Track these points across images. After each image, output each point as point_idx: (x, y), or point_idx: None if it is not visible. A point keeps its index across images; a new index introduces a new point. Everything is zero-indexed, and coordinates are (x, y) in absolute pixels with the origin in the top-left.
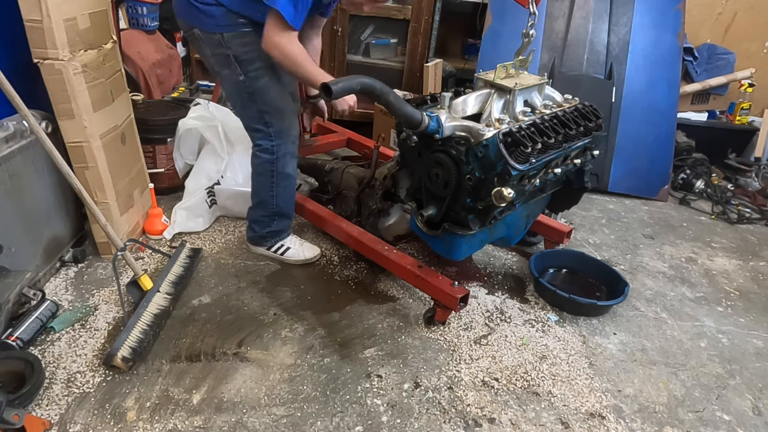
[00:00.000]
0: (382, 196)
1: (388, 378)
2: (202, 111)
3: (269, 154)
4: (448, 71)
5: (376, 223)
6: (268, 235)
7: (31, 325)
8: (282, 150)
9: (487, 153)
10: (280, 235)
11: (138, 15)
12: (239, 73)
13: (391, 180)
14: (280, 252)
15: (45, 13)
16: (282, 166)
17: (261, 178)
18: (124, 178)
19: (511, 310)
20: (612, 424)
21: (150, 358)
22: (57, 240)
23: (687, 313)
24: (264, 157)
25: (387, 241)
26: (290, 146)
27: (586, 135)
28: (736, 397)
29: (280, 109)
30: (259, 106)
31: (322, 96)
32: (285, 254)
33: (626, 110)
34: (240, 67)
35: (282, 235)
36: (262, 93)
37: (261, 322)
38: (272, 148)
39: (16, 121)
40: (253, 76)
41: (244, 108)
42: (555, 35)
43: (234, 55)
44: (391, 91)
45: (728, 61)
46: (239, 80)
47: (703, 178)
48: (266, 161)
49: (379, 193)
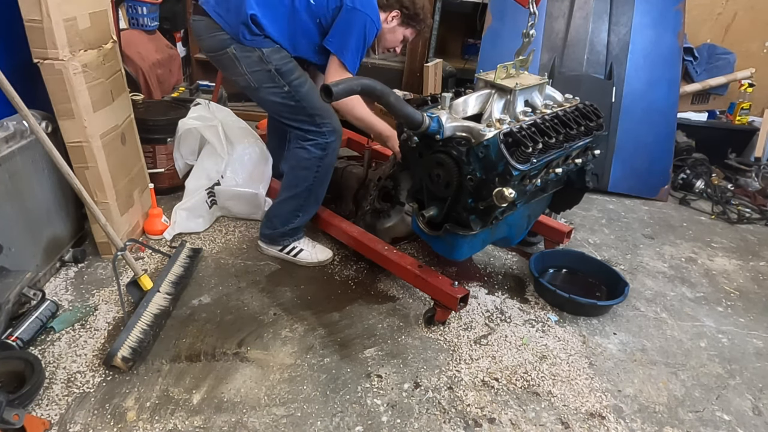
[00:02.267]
0: (381, 198)
1: (388, 378)
2: (202, 111)
3: (321, 150)
4: (448, 71)
5: (375, 223)
6: (285, 234)
7: (31, 325)
8: (333, 146)
9: (488, 153)
10: (294, 236)
11: (138, 15)
12: (283, 85)
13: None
14: (293, 254)
15: (45, 13)
16: (329, 160)
17: (304, 172)
18: (124, 178)
19: (511, 310)
20: (612, 424)
21: (150, 358)
22: (57, 240)
23: (687, 313)
24: (316, 153)
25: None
26: (339, 142)
27: (587, 134)
28: (736, 397)
29: (328, 110)
30: (309, 111)
31: (322, 98)
32: (298, 256)
33: (626, 110)
34: (283, 79)
35: (296, 236)
36: (309, 98)
37: (261, 322)
38: (326, 145)
39: (16, 121)
40: (296, 84)
41: (295, 115)
42: (555, 35)
43: (276, 69)
44: (392, 92)
45: (728, 61)
46: (285, 91)
47: (703, 178)
48: (317, 156)
49: (374, 194)
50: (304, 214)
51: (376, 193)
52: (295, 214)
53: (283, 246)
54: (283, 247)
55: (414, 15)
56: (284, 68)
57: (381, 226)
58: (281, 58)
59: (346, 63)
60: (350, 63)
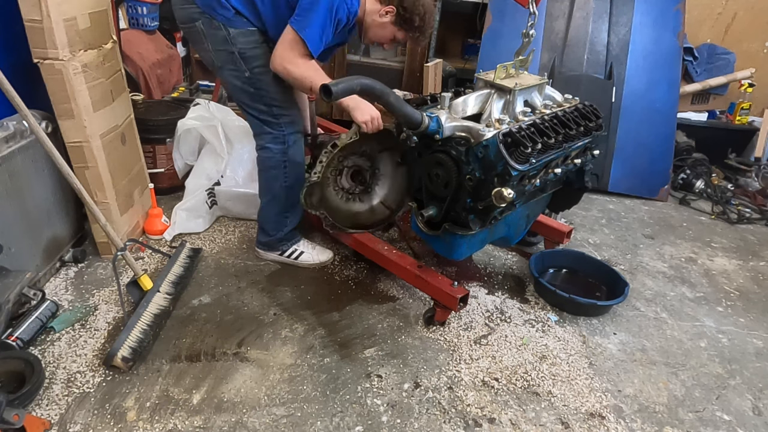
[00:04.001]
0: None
1: (388, 378)
2: (202, 111)
3: (281, 144)
4: (448, 71)
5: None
6: (282, 239)
7: (31, 325)
8: (293, 138)
9: (488, 153)
10: (292, 240)
11: (138, 15)
12: (244, 70)
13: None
14: (294, 256)
15: (45, 13)
16: (293, 154)
17: (273, 171)
18: (124, 178)
19: (511, 310)
20: (612, 424)
21: (150, 358)
22: (57, 240)
23: (687, 313)
24: (275, 148)
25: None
26: (299, 135)
27: (586, 135)
28: (736, 397)
29: (288, 101)
30: (267, 100)
31: (322, 98)
32: (299, 258)
33: (626, 110)
34: (245, 64)
35: (294, 239)
36: (269, 88)
37: (261, 322)
38: (284, 137)
39: (16, 121)
40: (258, 72)
41: (253, 102)
42: (555, 35)
43: (239, 52)
44: (392, 92)
45: (728, 61)
46: (245, 77)
47: (703, 178)
48: (278, 152)
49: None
50: (292, 216)
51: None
52: (283, 218)
53: (282, 251)
54: (283, 252)
55: (409, 20)
56: (248, 53)
57: (346, 208)
58: (248, 42)
59: (305, 38)
60: (310, 39)
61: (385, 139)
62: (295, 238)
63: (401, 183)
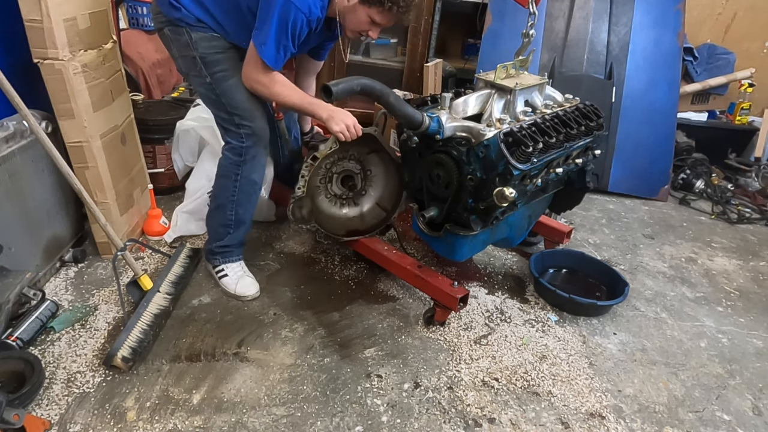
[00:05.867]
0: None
1: (388, 378)
2: (200, 112)
3: (237, 156)
4: (448, 71)
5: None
6: (219, 251)
7: (31, 325)
8: (251, 153)
9: (489, 153)
10: (229, 257)
11: (138, 15)
12: (205, 75)
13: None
14: (219, 276)
15: (45, 13)
16: (248, 171)
17: (224, 180)
18: (124, 178)
19: (511, 310)
20: (612, 424)
21: (150, 358)
22: (57, 240)
23: (687, 313)
24: (231, 158)
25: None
26: (261, 150)
27: (587, 134)
28: (736, 397)
29: (251, 111)
30: (228, 108)
31: (322, 98)
32: (221, 280)
33: (626, 110)
34: (206, 69)
35: (231, 258)
36: (230, 95)
37: (261, 322)
38: (241, 150)
39: (16, 121)
40: (219, 77)
41: (216, 109)
42: (555, 35)
43: (200, 57)
44: (392, 92)
45: (728, 61)
46: (206, 82)
47: (703, 178)
48: (232, 163)
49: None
50: (234, 232)
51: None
52: (225, 230)
53: (213, 264)
54: (213, 266)
55: None
56: (209, 58)
57: (341, 213)
58: (210, 47)
59: (263, 57)
60: (269, 57)
61: (370, 141)
62: (231, 257)
63: (395, 183)
